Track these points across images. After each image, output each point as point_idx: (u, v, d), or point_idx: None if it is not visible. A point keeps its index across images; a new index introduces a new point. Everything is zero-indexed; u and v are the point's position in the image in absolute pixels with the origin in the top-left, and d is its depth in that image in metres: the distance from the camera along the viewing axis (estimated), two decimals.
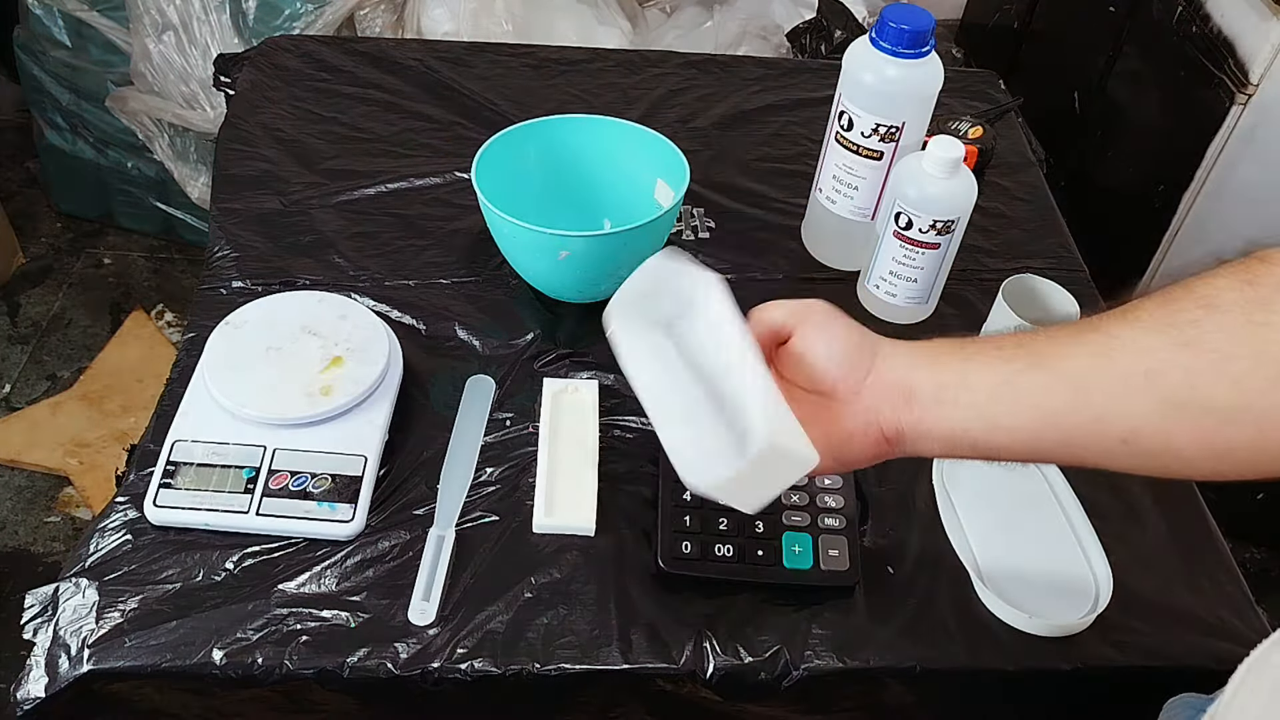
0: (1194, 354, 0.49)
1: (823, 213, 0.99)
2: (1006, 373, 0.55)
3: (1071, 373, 0.52)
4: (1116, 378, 0.51)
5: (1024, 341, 0.55)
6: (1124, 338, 0.52)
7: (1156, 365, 0.50)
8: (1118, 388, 0.51)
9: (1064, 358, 0.53)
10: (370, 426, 0.80)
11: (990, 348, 0.56)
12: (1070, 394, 0.52)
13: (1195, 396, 0.49)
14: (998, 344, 0.56)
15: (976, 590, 0.76)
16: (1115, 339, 0.52)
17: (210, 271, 0.95)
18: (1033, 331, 0.56)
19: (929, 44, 0.87)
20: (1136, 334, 0.51)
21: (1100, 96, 1.76)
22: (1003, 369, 0.55)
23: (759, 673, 0.71)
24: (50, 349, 1.85)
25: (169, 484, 0.75)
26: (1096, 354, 0.52)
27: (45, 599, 0.71)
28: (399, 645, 0.70)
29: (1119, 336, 0.52)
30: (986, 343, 0.57)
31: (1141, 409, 0.50)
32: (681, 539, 0.75)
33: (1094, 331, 0.53)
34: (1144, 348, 0.51)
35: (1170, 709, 0.63)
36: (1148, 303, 0.52)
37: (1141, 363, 0.50)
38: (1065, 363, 0.53)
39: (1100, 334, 0.52)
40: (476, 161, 0.90)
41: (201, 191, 1.80)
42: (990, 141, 1.08)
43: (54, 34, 1.77)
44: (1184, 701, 0.62)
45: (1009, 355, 0.55)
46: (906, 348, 0.59)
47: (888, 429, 0.57)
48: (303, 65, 1.19)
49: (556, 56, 1.24)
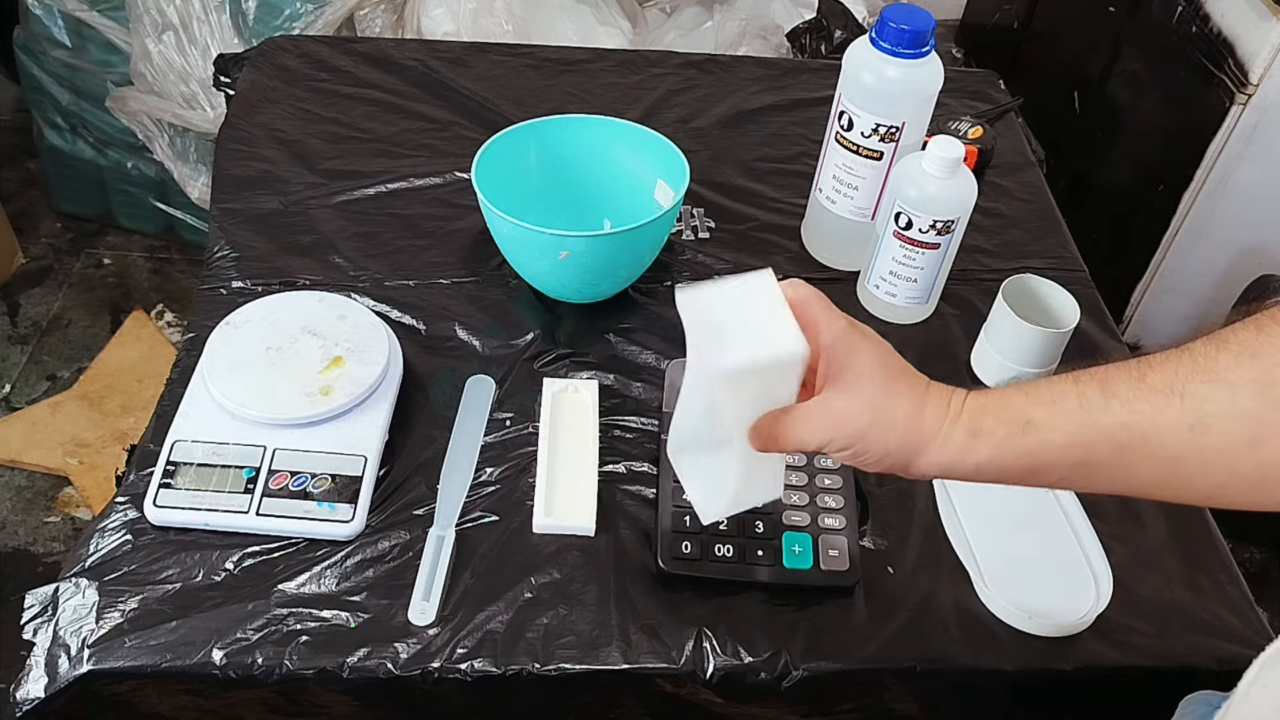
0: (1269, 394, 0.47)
1: (822, 213, 0.99)
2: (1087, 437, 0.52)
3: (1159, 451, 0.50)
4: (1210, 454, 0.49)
5: (1075, 379, 0.53)
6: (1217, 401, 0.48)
7: (1258, 434, 0.48)
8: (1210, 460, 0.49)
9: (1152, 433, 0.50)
10: (370, 426, 0.80)
11: (1049, 392, 0.53)
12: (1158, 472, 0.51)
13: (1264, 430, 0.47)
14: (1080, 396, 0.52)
15: (976, 590, 0.76)
16: (1207, 404, 0.49)
17: (210, 271, 0.95)
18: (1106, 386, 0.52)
19: (929, 44, 0.87)
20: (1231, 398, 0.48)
21: (1100, 96, 1.76)
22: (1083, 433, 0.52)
23: (759, 673, 0.71)
24: (50, 349, 1.85)
25: (169, 484, 0.75)
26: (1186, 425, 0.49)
27: (45, 599, 0.71)
28: (399, 645, 0.70)
29: (1211, 401, 0.49)
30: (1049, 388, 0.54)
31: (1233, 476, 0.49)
32: (681, 539, 0.75)
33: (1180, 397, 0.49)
34: (1242, 415, 0.48)
35: (1187, 705, 0.63)
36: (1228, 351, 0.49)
37: (1242, 433, 0.48)
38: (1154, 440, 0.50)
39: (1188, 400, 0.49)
40: (476, 161, 0.90)
41: (201, 191, 1.80)
42: (990, 141, 1.08)
43: (54, 34, 1.77)
44: (1201, 698, 0.62)
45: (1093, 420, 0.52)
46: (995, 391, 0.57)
47: (934, 414, 0.55)
48: (303, 65, 1.19)
49: (556, 56, 1.24)
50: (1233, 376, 0.48)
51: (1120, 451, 0.51)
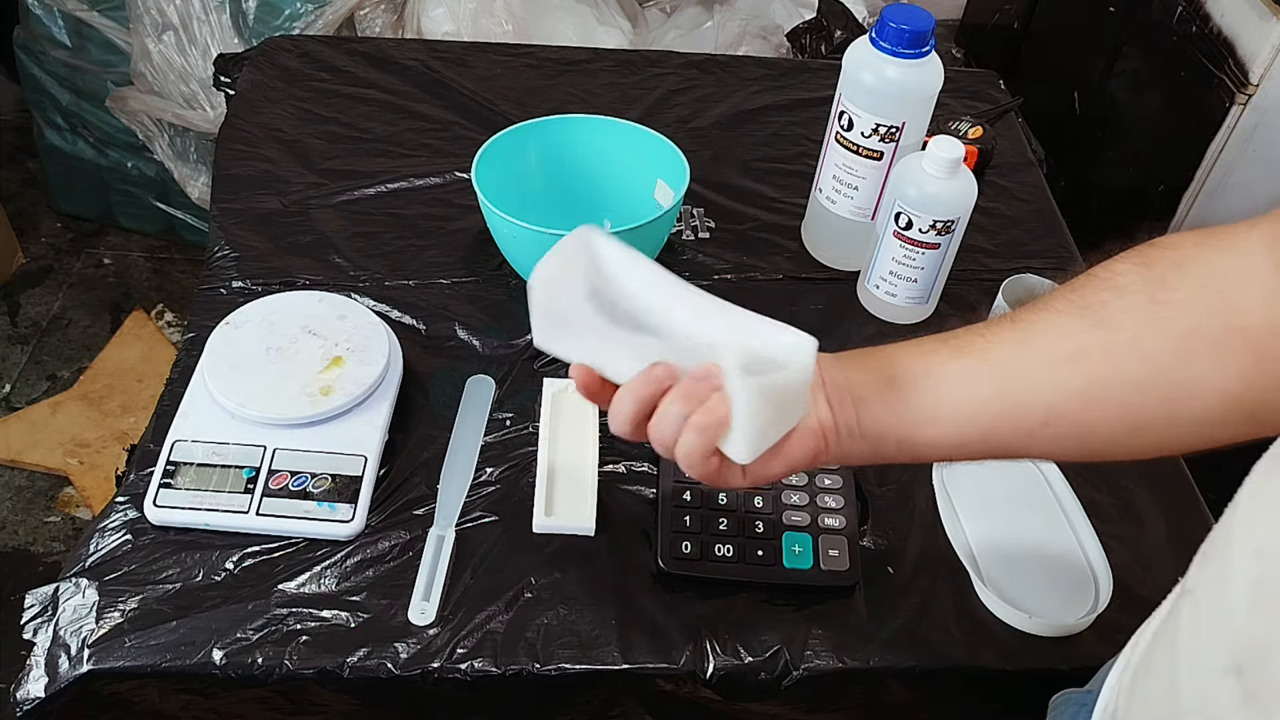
0: (1108, 333, 0.52)
1: (823, 213, 0.99)
2: (929, 365, 0.56)
3: (995, 359, 0.55)
4: (1039, 361, 0.53)
5: (945, 337, 0.57)
6: (1043, 323, 0.54)
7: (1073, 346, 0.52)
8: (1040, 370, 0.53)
9: (987, 347, 0.55)
10: (370, 426, 0.80)
11: (912, 345, 0.58)
12: (994, 379, 0.54)
13: (1112, 373, 0.52)
14: (918, 342, 0.58)
15: (976, 590, 0.76)
16: (1035, 325, 0.54)
17: (210, 271, 0.95)
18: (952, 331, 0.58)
19: (929, 44, 0.87)
20: (1054, 319, 0.54)
21: (1100, 96, 1.76)
22: (925, 362, 0.57)
23: (759, 673, 0.71)
24: (50, 349, 1.85)
25: (169, 484, 0.75)
26: (1018, 341, 0.54)
27: (45, 599, 0.71)
28: (399, 645, 0.70)
29: (1038, 323, 0.54)
30: (908, 343, 0.58)
31: (1062, 389, 0.53)
32: (681, 539, 0.75)
33: (1012, 321, 0.55)
34: (1060, 329, 0.53)
35: (1055, 707, 0.63)
36: (1059, 292, 0.55)
37: (1059, 345, 0.53)
38: (989, 351, 0.55)
39: (1019, 323, 0.55)
40: (476, 161, 0.90)
41: (201, 191, 1.80)
42: (990, 141, 1.08)
43: (54, 34, 1.77)
44: (1066, 698, 0.62)
45: (929, 349, 0.57)
46: (841, 355, 0.59)
47: (825, 424, 0.57)
48: (303, 65, 1.19)
49: (556, 56, 1.24)
50: (1057, 304, 0.54)
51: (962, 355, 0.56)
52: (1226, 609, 0.40)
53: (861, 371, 0.58)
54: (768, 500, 0.78)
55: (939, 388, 0.56)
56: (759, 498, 0.78)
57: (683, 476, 0.78)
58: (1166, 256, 0.53)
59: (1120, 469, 0.85)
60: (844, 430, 0.57)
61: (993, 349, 0.55)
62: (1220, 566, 0.41)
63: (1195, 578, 0.44)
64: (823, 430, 0.57)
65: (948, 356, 0.56)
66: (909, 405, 0.56)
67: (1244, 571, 0.39)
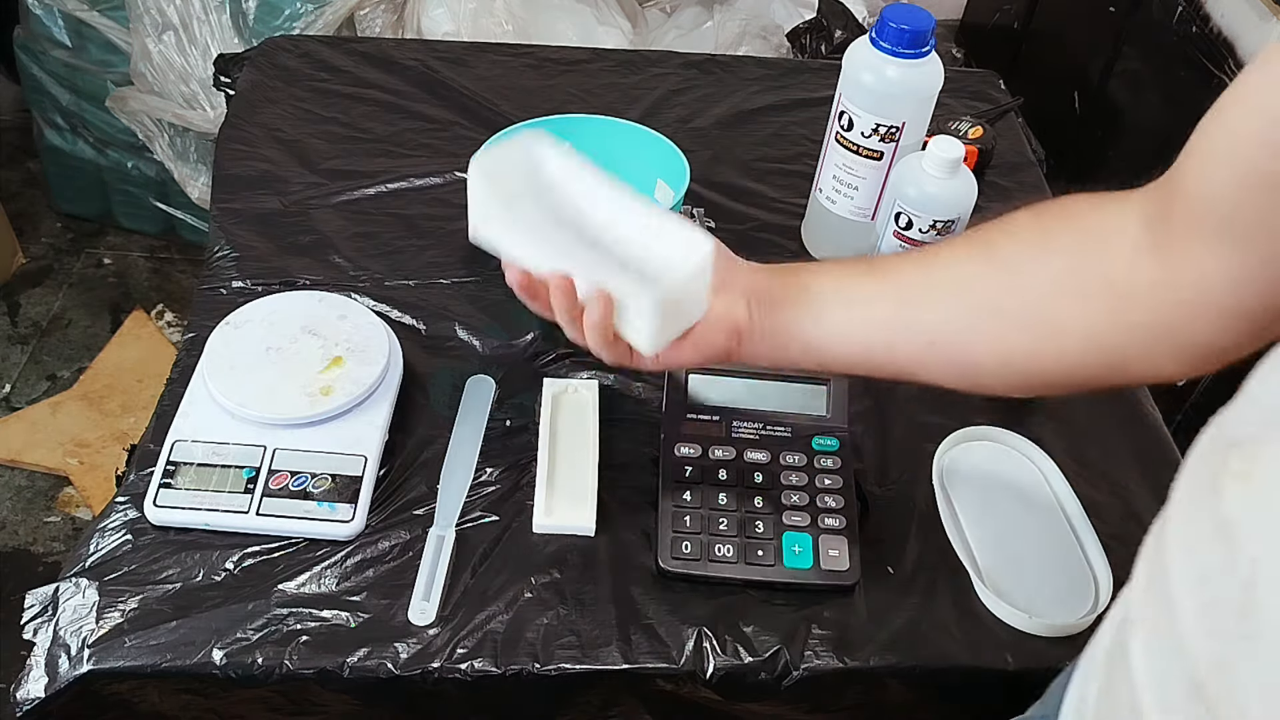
0: (994, 267, 0.57)
1: (823, 213, 0.99)
2: (840, 282, 0.62)
3: (896, 282, 0.60)
4: (931, 286, 0.59)
5: (862, 260, 0.63)
6: (942, 253, 0.60)
7: (964, 275, 0.58)
8: (931, 295, 0.59)
9: (892, 270, 0.61)
10: (370, 426, 0.80)
11: (834, 264, 0.64)
12: (893, 300, 0.60)
13: (992, 303, 0.57)
14: (838, 261, 0.65)
15: (976, 590, 0.76)
16: (935, 255, 0.61)
17: (210, 271, 0.95)
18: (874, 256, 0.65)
19: (929, 44, 0.87)
20: (951, 251, 0.60)
21: (1100, 96, 1.76)
22: (836, 279, 0.62)
23: (759, 673, 0.71)
24: (50, 349, 1.85)
25: (169, 484, 0.75)
26: (918, 266, 0.60)
27: (45, 599, 0.71)
28: (399, 645, 0.70)
29: (939, 254, 0.61)
30: (829, 262, 0.65)
31: (949, 312, 0.58)
32: (681, 539, 0.75)
33: (920, 251, 0.62)
34: (956, 260, 0.59)
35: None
36: (966, 231, 0.62)
37: (952, 273, 0.59)
38: (893, 274, 0.61)
39: (925, 252, 0.61)
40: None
41: (201, 191, 1.80)
42: (990, 141, 1.08)
43: (54, 34, 1.77)
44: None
45: (845, 269, 0.63)
46: (764, 266, 0.65)
47: (741, 323, 0.63)
48: (303, 65, 1.19)
49: (556, 56, 1.24)
50: (959, 240, 0.61)
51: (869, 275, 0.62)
52: (1177, 636, 0.40)
53: (780, 280, 0.64)
54: (768, 500, 0.78)
55: (846, 303, 0.61)
56: (759, 498, 0.78)
57: (683, 476, 0.78)
58: (1057, 208, 0.59)
59: (1121, 468, 0.85)
60: (757, 331, 0.63)
61: (897, 273, 0.61)
62: (1163, 596, 0.41)
63: (1139, 608, 0.44)
64: (737, 328, 0.63)
65: (858, 276, 0.62)
66: (817, 316, 0.62)
67: (1190, 597, 0.40)
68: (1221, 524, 0.39)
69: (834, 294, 0.62)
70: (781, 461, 0.79)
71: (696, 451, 0.80)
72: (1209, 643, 0.38)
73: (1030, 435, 0.85)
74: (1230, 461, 0.40)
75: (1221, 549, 0.38)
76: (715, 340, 0.64)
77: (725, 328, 0.63)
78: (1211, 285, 0.50)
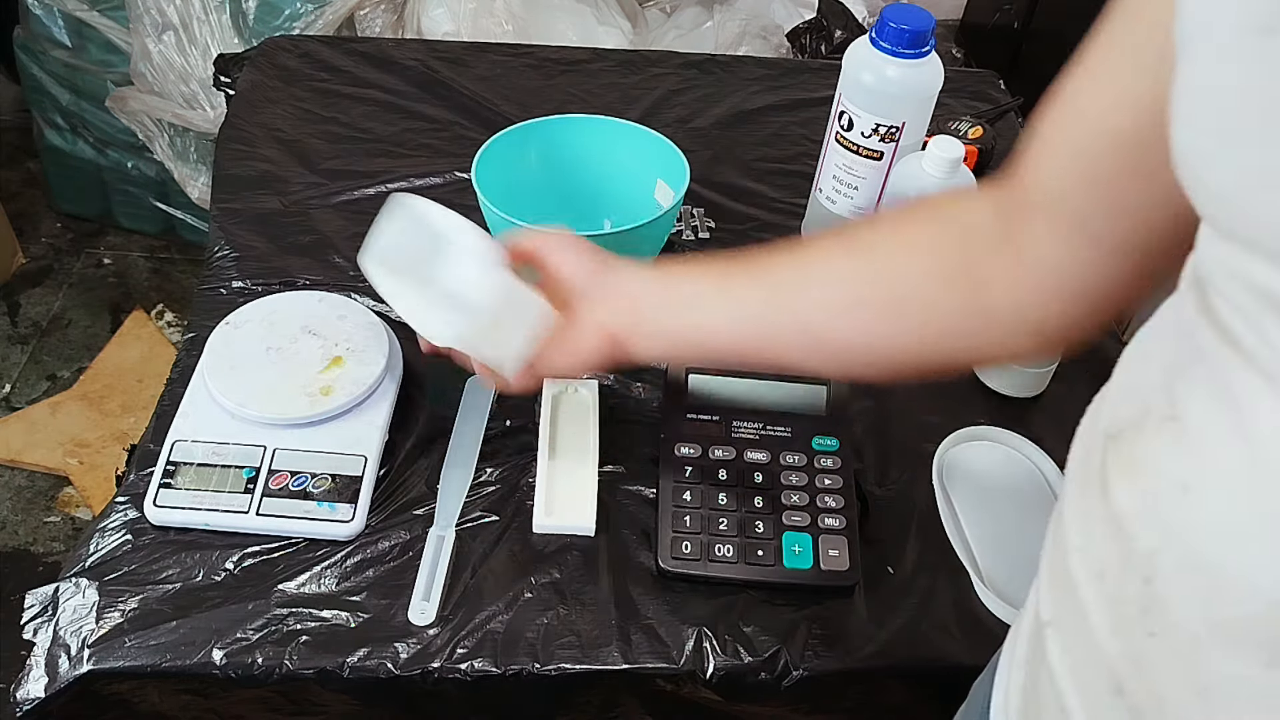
0: (860, 260, 0.59)
1: (823, 213, 0.99)
2: (722, 279, 0.64)
3: (769, 280, 0.62)
4: (804, 278, 0.61)
5: (740, 255, 0.64)
6: (812, 248, 0.63)
7: (832, 267, 0.60)
8: (805, 285, 0.61)
9: (768, 265, 0.62)
10: (370, 426, 0.80)
11: (710, 262, 0.65)
12: (765, 293, 0.62)
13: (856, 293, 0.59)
14: (717, 258, 0.65)
15: (976, 590, 0.76)
16: (806, 249, 0.62)
17: (210, 271, 0.95)
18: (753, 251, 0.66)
19: (929, 44, 0.87)
20: (821, 243, 0.63)
21: None
22: (719, 273, 0.64)
23: (759, 673, 0.71)
24: (50, 349, 1.85)
25: (169, 484, 0.75)
26: (792, 263, 0.62)
27: (45, 599, 0.71)
28: (399, 645, 0.70)
29: (810, 247, 0.63)
30: (711, 260, 0.65)
31: (816, 306, 0.60)
32: (681, 539, 0.75)
33: (794, 246, 0.63)
34: (825, 253, 0.61)
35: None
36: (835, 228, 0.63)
37: (821, 266, 0.61)
38: (767, 270, 0.62)
39: (798, 247, 0.63)
40: (476, 161, 0.90)
41: (201, 191, 1.80)
42: (990, 141, 1.08)
43: (54, 34, 1.77)
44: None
45: (727, 268, 0.64)
46: (642, 267, 0.67)
47: (615, 329, 0.65)
48: (303, 65, 1.19)
49: (556, 56, 1.24)
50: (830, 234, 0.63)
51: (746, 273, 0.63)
52: (1089, 634, 0.40)
53: (661, 284, 0.66)
54: (768, 500, 0.78)
55: (726, 301, 0.63)
56: (759, 498, 0.78)
57: (683, 476, 0.78)
58: (921, 203, 0.62)
59: None
60: (639, 334, 0.65)
61: (771, 269, 0.62)
62: (1070, 594, 0.42)
63: (1050, 609, 0.45)
64: (610, 333, 0.65)
65: (735, 274, 0.64)
66: (700, 318, 0.64)
67: (1095, 595, 0.40)
68: (1112, 518, 0.39)
69: (715, 294, 0.64)
70: (781, 461, 0.79)
71: (696, 451, 0.80)
72: (1118, 642, 0.38)
73: (1030, 435, 0.85)
74: (1110, 453, 0.40)
75: (1116, 544, 0.39)
76: (586, 345, 0.66)
77: (596, 333, 0.66)
78: (1058, 271, 0.51)
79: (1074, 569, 0.41)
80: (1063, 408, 0.88)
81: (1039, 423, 0.87)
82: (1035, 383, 0.89)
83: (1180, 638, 0.36)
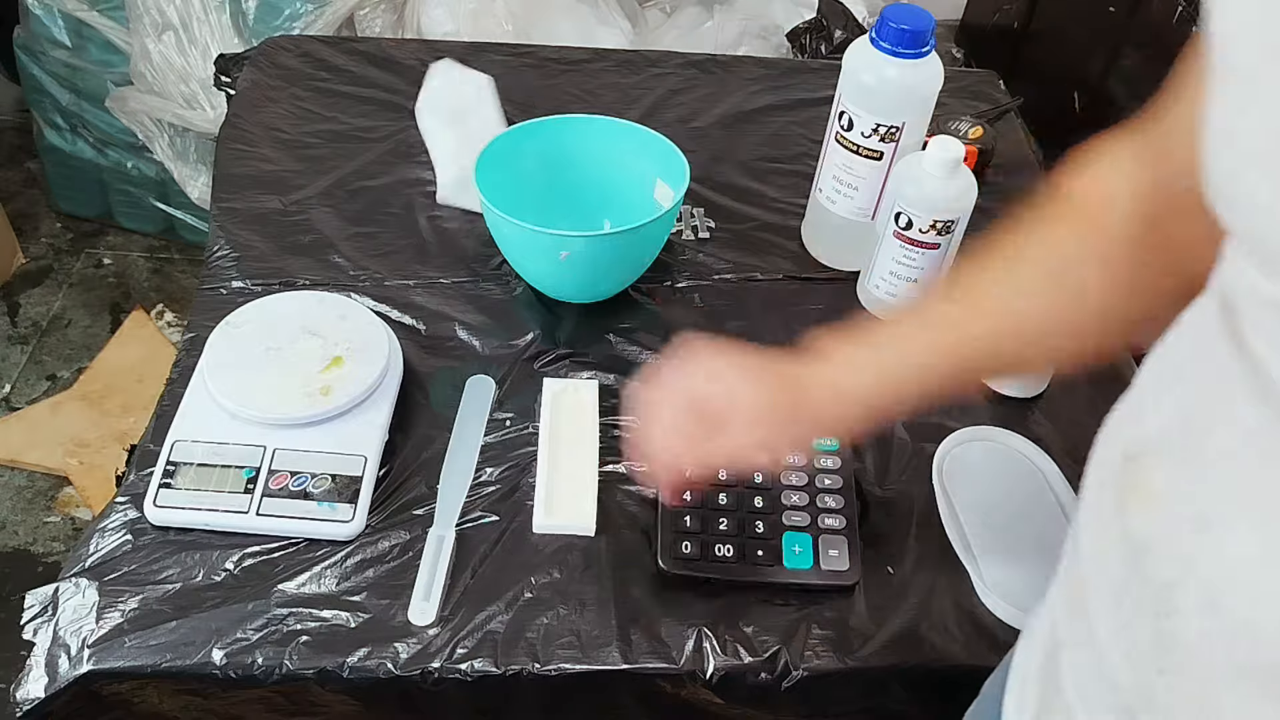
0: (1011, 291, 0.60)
1: (823, 213, 0.99)
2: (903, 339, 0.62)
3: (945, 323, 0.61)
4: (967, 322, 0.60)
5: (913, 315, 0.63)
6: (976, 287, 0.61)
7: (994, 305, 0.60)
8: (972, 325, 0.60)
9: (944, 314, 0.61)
10: (370, 426, 0.80)
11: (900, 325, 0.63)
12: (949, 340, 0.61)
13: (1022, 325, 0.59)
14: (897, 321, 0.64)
15: (976, 590, 0.76)
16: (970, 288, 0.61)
17: (210, 271, 0.95)
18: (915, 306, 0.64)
19: (929, 44, 0.87)
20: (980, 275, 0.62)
21: (1100, 96, 1.76)
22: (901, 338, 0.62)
23: (759, 673, 0.71)
24: (50, 349, 1.85)
25: (169, 484, 0.75)
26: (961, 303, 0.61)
27: (45, 599, 0.71)
28: (399, 645, 0.70)
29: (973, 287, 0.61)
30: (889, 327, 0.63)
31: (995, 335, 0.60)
32: (681, 539, 0.75)
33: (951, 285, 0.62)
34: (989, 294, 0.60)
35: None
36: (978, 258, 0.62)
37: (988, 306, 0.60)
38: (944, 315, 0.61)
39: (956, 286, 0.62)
40: (476, 161, 0.90)
41: (201, 191, 1.80)
42: (990, 141, 1.07)
43: (54, 34, 1.77)
44: None
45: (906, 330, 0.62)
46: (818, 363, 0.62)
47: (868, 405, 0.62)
48: (303, 65, 1.19)
49: (556, 56, 1.24)
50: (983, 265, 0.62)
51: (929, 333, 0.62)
52: (1100, 657, 0.40)
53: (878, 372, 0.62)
54: (768, 500, 0.78)
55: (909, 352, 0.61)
56: (759, 498, 0.78)
57: (683, 476, 0.78)
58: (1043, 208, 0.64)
59: None
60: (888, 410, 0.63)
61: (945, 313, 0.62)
62: (1084, 618, 0.41)
63: (1066, 630, 0.44)
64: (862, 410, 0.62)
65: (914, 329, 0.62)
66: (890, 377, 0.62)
67: (1108, 620, 0.39)
68: (1128, 542, 0.37)
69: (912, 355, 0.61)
70: (781, 461, 0.79)
71: None
72: (1130, 673, 0.37)
73: (1030, 435, 0.85)
74: (1129, 476, 0.38)
75: (1132, 570, 0.37)
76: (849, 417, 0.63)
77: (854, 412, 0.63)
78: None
79: (1089, 585, 0.40)
80: (1063, 408, 0.88)
81: (1039, 423, 0.87)
82: (1035, 383, 0.89)
83: (1194, 677, 0.34)
